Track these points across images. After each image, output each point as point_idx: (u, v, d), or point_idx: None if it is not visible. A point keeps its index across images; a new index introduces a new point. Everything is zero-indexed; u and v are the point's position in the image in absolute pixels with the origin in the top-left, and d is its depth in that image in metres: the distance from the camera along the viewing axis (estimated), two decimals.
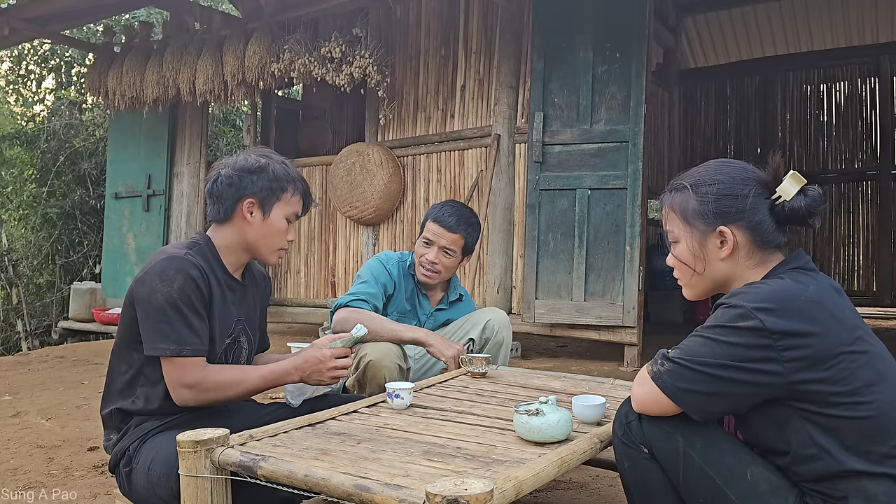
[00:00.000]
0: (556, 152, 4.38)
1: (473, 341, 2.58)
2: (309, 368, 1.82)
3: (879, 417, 1.24)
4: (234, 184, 1.84)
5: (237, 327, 1.90)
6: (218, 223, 1.89)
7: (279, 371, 1.81)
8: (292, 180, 1.89)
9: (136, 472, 1.69)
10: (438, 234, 2.59)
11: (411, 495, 1.13)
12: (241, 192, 1.84)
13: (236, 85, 5.42)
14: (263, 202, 1.85)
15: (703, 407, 1.32)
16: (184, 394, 1.72)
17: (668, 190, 1.49)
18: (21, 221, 9.00)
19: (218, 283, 1.83)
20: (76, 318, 7.11)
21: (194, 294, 1.72)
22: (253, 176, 1.84)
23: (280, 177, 1.87)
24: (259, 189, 1.84)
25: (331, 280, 5.75)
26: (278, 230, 1.88)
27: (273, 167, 1.87)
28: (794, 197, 1.35)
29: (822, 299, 1.28)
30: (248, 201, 1.84)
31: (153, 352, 1.70)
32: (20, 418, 3.42)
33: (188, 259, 1.75)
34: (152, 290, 1.70)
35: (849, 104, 7.15)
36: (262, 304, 2.06)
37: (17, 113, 10.35)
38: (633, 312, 4.14)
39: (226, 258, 1.87)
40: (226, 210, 1.85)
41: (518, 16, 4.76)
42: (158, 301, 1.69)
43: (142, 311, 1.72)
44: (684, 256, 1.45)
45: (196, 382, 1.71)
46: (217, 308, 1.81)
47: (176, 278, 1.70)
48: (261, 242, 1.87)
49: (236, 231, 1.86)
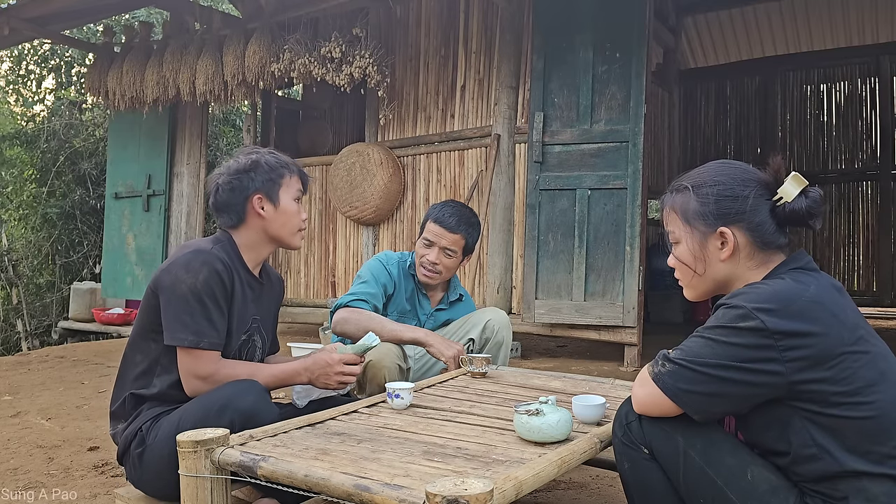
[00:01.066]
0: (556, 152, 4.38)
1: (473, 341, 2.58)
2: (317, 370, 1.86)
3: (881, 417, 1.24)
4: (236, 188, 1.90)
5: (253, 325, 1.94)
6: (232, 229, 1.94)
7: (290, 371, 1.87)
8: (285, 164, 1.97)
9: (150, 449, 1.71)
10: (439, 235, 2.59)
11: (411, 495, 1.13)
12: (246, 192, 1.90)
13: (236, 85, 5.41)
14: (269, 193, 1.92)
15: (705, 408, 1.32)
16: (195, 384, 1.76)
17: (670, 191, 1.49)
18: (21, 221, 9.00)
19: (240, 280, 1.87)
20: (76, 318, 7.11)
21: (217, 287, 1.77)
22: (250, 174, 1.91)
23: (273, 166, 1.94)
24: (261, 183, 1.91)
25: (331, 280, 5.75)
26: (292, 212, 1.95)
27: (264, 159, 1.94)
28: (796, 198, 1.35)
29: (823, 299, 1.28)
30: (255, 198, 1.90)
31: (172, 341, 1.75)
32: (20, 418, 3.42)
33: (214, 253, 1.80)
34: (177, 279, 1.75)
35: (849, 104, 7.15)
36: (276, 306, 2.11)
37: (17, 113, 10.35)
38: (633, 312, 4.14)
39: (246, 256, 1.93)
40: (238, 214, 1.91)
41: (518, 16, 4.76)
42: (182, 291, 1.74)
43: (165, 300, 1.76)
44: (685, 257, 1.45)
45: (209, 374, 1.75)
46: (237, 304, 1.86)
47: (201, 270, 1.75)
48: (282, 230, 1.95)
49: (254, 229, 1.93)
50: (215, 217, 1.98)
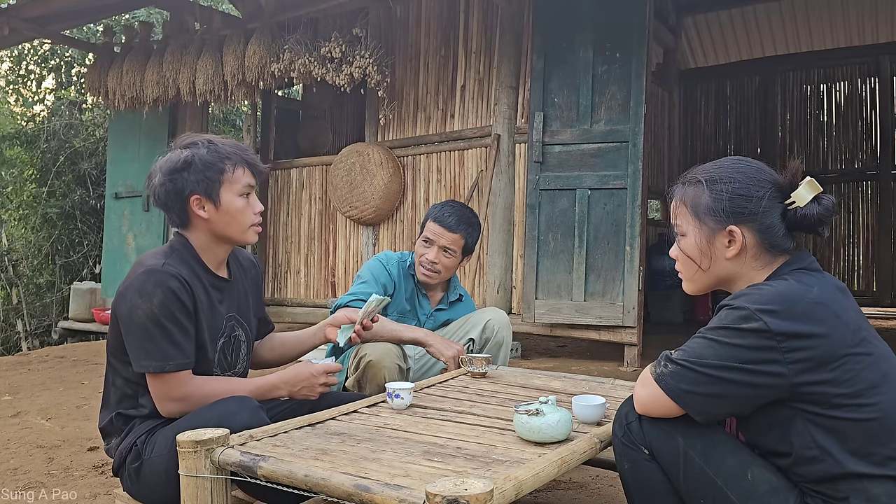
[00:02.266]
0: (556, 152, 4.38)
1: (473, 341, 2.58)
2: (300, 384, 1.83)
3: (883, 419, 1.24)
4: (170, 190, 1.77)
5: (229, 324, 1.88)
6: (184, 230, 1.84)
7: (268, 385, 1.82)
8: (226, 157, 1.79)
9: (147, 464, 1.68)
10: (438, 234, 2.60)
11: (411, 495, 1.13)
12: (182, 194, 1.76)
13: (236, 85, 5.41)
14: (208, 193, 1.77)
15: (707, 409, 1.31)
16: (171, 407, 1.71)
17: (681, 182, 1.47)
18: (21, 221, 8.99)
19: (202, 287, 1.79)
20: (76, 318, 7.11)
21: (175, 306, 1.69)
22: (184, 173, 1.75)
23: (210, 162, 1.77)
24: (196, 183, 1.76)
25: (331, 280, 5.75)
26: (237, 210, 1.80)
27: (199, 156, 1.77)
28: (808, 204, 1.34)
29: (826, 300, 1.27)
30: (193, 199, 1.77)
31: (139, 369, 1.70)
32: (20, 418, 3.42)
33: (166, 271, 1.70)
34: (133, 306, 1.67)
35: (849, 104, 7.14)
36: (254, 290, 2.02)
37: (17, 113, 10.35)
38: (633, 312, 4.14)
39: (205, 257, 1.83)
40: (179, 216, 1.80)
41: (518, 16, 4.76)
42: (139, 318, 1.66)
43: (124, 328, 1.71)
44: (691, 251, 1.43)
45: (184, 396, 1.70)
46: (204, 314, 1.78)
47: (155, 293, 1.66)
48: (228, 230, 1.81)
49: (201, 230, 1.81)
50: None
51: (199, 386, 1.73)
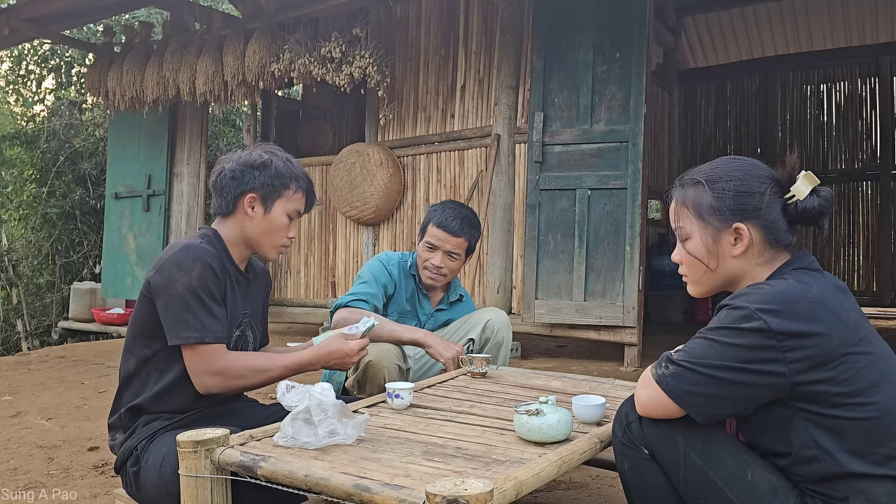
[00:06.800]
0: (556, 152, 4.38)
1: (473, 341, 2.57)
2: (333, 360, 1.88)
3: (882, 418, 1.24)
4: (237, 178, 1.86)
5: (244, 320, 1.92)
6: (222, 217, 1.91)
7: (303, 362, 1.85)
8: (295, 177, 1.90)
9: (144, 471, 1.69)
10: (443, 240, 2.59)
11: (411, 495, 1.13)
12: (244, 187, 1.86)
13: (236, 85, 5.41)
14: (265, 198, 1.87)
15: (708, 410, 1.31)
16: (209, 381, 1.72)
17: (679, 185, 1.46)
18: (21, 221, 8.99)
19: (228, 275, 1.85)
20: (76, 318, 7.11)
21: (212, 282, 1.74)
22: (255, 171, 1.86)
23: (283, 173, 1.88)
24: (261, 184, 1.86)
25: (331, 280, 5.75)
26: (279, 226, 1.90)
27: (276, 164, 1.88)
28: (807, 197, 1.34)
29: (825, 299, 1.27)
30: (249, 196, 1.86)
31: (177, 341, 1.70)
32: (20, 418, 3.42)
33: (204, 248, 1.77)
34: (171, 280, 1.71)
35: (849, 104, 7.14)
36: (263, 299, 2.08)
37: (17, 113, 10.35)
38: (633, 312, 4.14)
39: (232, 251, 1.89)
40: (228, 203, 1.88)
41: (518, 16, 4.76)
42: (178, 290, 1.70)
43: (162, 303, 1.72)
44: (698, 252, 1.42)
45: (222, 369, 1.72)
46: (228, 298, 1.83)
47: (194, 266, 1.72)
48: (262, 238, 1.89)
49: (238, 225, 1.88)
50: (212, 196, 1.95)
51: (235, 359, 1.76)
